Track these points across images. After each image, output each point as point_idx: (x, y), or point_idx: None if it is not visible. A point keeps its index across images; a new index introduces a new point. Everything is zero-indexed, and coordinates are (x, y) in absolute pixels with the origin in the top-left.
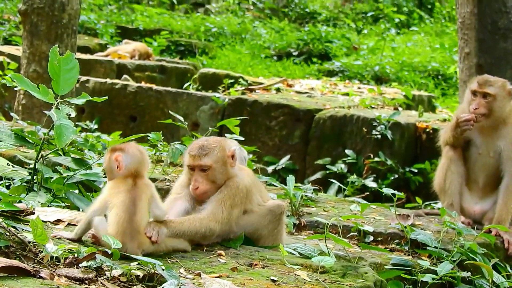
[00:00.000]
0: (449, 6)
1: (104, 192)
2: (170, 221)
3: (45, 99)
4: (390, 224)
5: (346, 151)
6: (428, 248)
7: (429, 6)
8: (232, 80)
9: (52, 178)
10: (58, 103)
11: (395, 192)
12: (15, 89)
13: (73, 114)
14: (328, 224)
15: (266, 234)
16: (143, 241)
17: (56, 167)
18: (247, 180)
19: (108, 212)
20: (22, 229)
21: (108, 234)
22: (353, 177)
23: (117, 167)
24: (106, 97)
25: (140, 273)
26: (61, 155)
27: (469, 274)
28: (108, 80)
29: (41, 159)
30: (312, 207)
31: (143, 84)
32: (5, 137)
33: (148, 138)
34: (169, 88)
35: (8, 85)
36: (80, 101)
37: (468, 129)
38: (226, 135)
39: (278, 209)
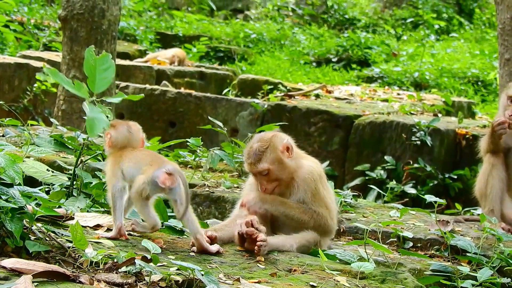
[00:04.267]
0: (489, 12)
1: (108, 165)
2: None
3: (79, 94)
4: (429, 230)
5: (386, 157)
6: (468, 254)
7: (469, 13)
8: (271, 86)
9: (91, 183)
10: (93, 100)
11: (437, 199)
12: (58, 86)
13: (110, 115)
14: (367, 230)
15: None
16: None
17: (95, 172)
18: (317, 167)
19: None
20: (62, 234)
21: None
22: (392, 183)
23: (107, 143)
24: (142, 95)
25: (179, 278)
26: (101, 161)
27: (509, 280)
28: (148, 86)
29: (81, 164)
30: (352, 213)
31: (182, 90)
32: (45, 143)
33: (188, 143)
34: (208, 94)
35: (48, 88)
36: (116, 99)
37: (504, 133)
38: None
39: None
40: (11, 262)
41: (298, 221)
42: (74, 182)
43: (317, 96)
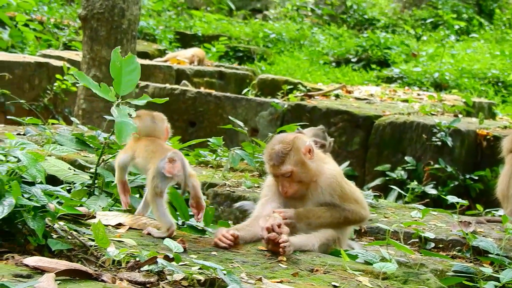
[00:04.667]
0: (509, 12)
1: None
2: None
3: (107, 97)
4: (451, 231)
5: (406, 157)
6: (490, 255)
7: (489, 13)
8: (291, 86)
9: (113, 182)
10: (119, 102)
11: (459, 200)
12: (77, 86)
13: (134, 114)
14: (389, 230)
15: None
16: None
17: None
18: (337, 170)
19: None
20: (84, 233)
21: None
22: (413, 184)
23: None
24: (167, 98)
25: (201, 278)
26: None
27: None
28: (167, 86)
29: (102, 163)
30: (373, 213)
31: (202, 89)
32: (66, 141)
33: (208, 143)
34: (228, 94)
35: (69, 87)
36: (141, 102)
37: None
38: None
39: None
40: (33, 260)
41: (334, 225)
42: (96, 181)
43: (337, 96)
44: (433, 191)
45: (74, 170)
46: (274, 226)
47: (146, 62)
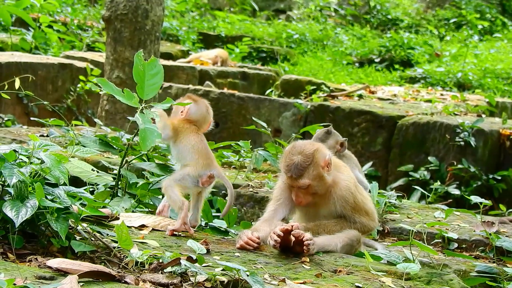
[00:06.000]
0: None
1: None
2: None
3: (130, 103)
4: (474, 231)
5: (429, 158)
6: None
7: None
8: (314, 87)
9: (136, 183)
10: (142, 107)
11: (482, 200)
12: (101, 93)
13: (158, 119)
14: (413, 231)
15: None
16: None
17: (142, 172)
18: (351, 181)
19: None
20: (107, 234)
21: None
22: (436, 184)
23: (181, 112)
24: (191, 102)
25: (225, 279)
26: (146, 161)
27: None
28: (191, 86)
29: (125, 164)
30: (396, 214)
31: (225, 90)
32: (90, 143)
33: (231, 144)
34: (251, 95)
35: (93, 89)
36: (165, 105)
37: None
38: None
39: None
40: (57, 262)
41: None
42: (119, 182)
43: (360, 96)
44: (456, 192)
45: (98, 172)
46: (296, 225)
47: (170, 63)
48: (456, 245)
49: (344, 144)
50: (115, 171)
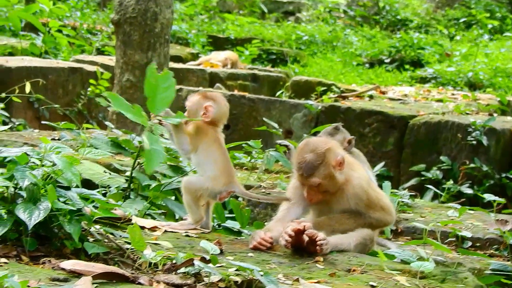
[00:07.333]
0: None
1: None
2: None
3: (139, 122)
4: (488, 229)
5: (441, 157)
6: None
7: None
8: (325, 88)
9: (148, 185)
10: (151, 125)
11: (496, 198)
12: (109, 109)
13: (167, 135)
14: (426, 229)
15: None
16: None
17: (154, 174)
18: (364, 179)
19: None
20: (120, 236)
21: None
22: (449, 183)
23: (203, 114)
24: (201, 118)
25: (238, 279)
26: None
27: None
28: (201, 89)
29: (138, 166)
30: (409, 213)
31: (235, 92)
32: (102, 144)
33: (243, 145)
34: (262, 96)
35: (102, 104)
36: (175, 120)
37: None
38: None
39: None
40: (70, 264)
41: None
42: (131, 185)
43: (371, 97)
44: (469, 191)
45: (110, 174)
46: (308, 225)
47: (180, 65)
48: (470, 243)
49: (351, 142)
50: (127, 173)
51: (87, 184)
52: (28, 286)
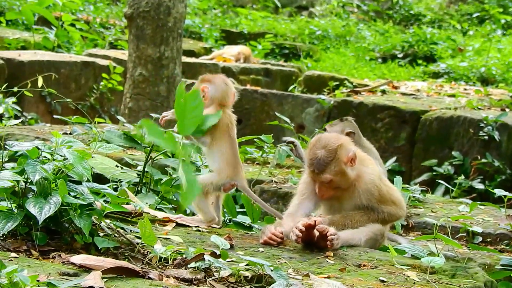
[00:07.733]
0: None
1: None
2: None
3: (171, 149)
4: (499, 225)
5: (453, 152)
6: None
7: None
8: (337, 83)
9: (159, 180)
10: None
11: (507, 193)
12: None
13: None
14: (437, 224)
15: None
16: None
17: (165, 168)
18: (376, 174)
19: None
20: (131, 230)
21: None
22: (460, 178)
23: (203, 97)
24: (215, 121)
25: (248, 274)
26: (170, 157)
27: None
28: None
29: (150, 160)
30: (420, 208)
31: (248, 87)
32: (115, 138)
33: (255, 140)
34: (274, 91)
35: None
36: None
37: None
38: None
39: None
40: (80, 259)
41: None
42: (143, 179)
43: (384, 92)
44: (480, 186)
45: (122, 168)
46: (319, 220)
47: (192, 60)
48: (480, 238)
49: (350, 135)
50: (138, 167)
51: (99, 178)
52: (38, 280)
